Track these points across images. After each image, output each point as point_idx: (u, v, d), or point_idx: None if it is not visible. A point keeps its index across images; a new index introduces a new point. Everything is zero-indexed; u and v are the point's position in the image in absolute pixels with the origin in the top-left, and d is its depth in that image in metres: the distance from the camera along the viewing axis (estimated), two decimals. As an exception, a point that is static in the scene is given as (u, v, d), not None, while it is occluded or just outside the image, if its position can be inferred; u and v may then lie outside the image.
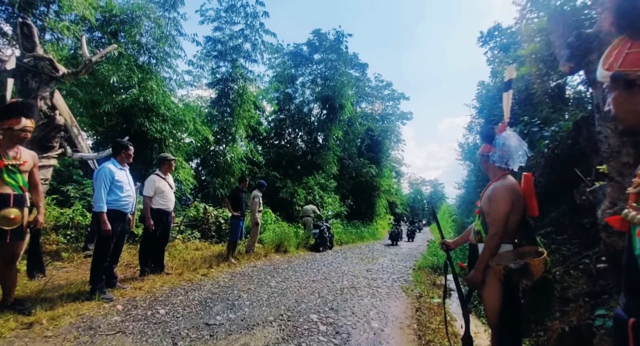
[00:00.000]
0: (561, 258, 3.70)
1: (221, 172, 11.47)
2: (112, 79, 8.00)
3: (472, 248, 2.34)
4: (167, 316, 3.31)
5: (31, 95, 4.11)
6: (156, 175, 4.65)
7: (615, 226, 0.96)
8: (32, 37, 4.25)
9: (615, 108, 0.91)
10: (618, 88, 0.88)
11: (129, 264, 5.29)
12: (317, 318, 3.64)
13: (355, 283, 5.57)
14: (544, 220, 4.82)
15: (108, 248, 3.66)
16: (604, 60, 0.90)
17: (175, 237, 7.31)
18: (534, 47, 6.00)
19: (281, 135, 17.33)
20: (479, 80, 11.42)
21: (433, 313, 4.14)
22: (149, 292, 4.00)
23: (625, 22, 0.86)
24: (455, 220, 17.49)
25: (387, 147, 24.10)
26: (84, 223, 6.19)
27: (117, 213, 3.69)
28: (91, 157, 4.90)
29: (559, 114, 5.65)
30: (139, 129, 8.13)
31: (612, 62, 0.87)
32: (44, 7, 8.06)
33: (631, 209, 0.89)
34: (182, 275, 4.91)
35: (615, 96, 0.89)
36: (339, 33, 17.02)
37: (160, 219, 4.62)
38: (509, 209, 2.06)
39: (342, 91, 16.51)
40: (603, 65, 0.90)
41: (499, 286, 2.06)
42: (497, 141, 2.22)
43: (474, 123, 11.51)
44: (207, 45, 12.47)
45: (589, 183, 2.99)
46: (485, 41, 10.63)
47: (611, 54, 0.89)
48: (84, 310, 3.24)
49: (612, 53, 0.89)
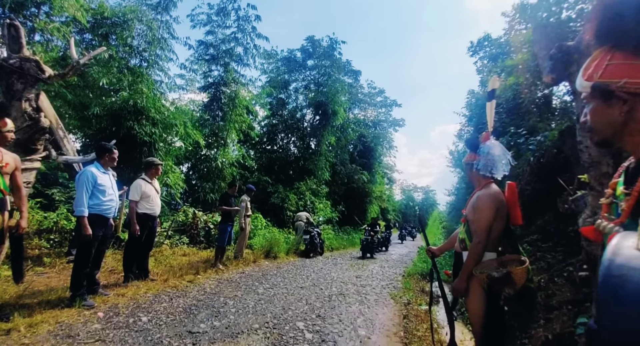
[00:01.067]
0: (546, 265, 3.74)
1: (212, 177, 11.38)
2: (102, 81, 7.92)
3: (457, 256, 2.36)
4: (149, 324, 3.24)
5: (16, 97, 4.03)
6: (142, 180, 4.59)
7: (590, 236, 0.97)
8: (19, 38, 4.19)
9: (592, 119, 0.91)
10: (596, 100, 0.89)
11: (113, 270, 5.17)
12: (304, 326, 3.59)
13: (344, 290, 5.54)
14: (530, 227, 4.89)
15: (89, 253, 3.57)
16: (583, 71, 0.91)
17: (163, 242, 7.19)
18: (522, 57, 6.14)
19: (273, 140, 17.32)
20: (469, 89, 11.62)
21: (420, 321, 4.13)
22: (132, 299, 3.91)
23: (605, 34, 0.88)
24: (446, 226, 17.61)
25: (379, 154, 24.26)
26: (68, 227, 6.06)
27: (99, 218, 3.61)
28: (76, 160, 4.81)
29: (546, 123, 5.77)
30: (128, 132, 8.03)
31: (591, 73, 0.88)
32: (34, 8, 7.99)
33: (604, 219, 0.90)
34: (167, 282, 4.81)
35: (593, 107, 0.90)
36: (332, 40, 17.21)
37: (146, 224, 4.54)
38: (493, 217, 2.09)
39: (335, 97, 16.61)
40: (583, 75, 0.91)
41: (482, 295, 2.07)
42: (482, 150, 2.25)
43: (464, 131, 11.67)
44: (199, 48, 12.47)
45: (571, 192, 3.04)
46: (475, 51, 10.83)
47: (591, 65, 0.90)
48: (64, 317, 3.15)
49: (592, 64, 0.90)
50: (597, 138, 0.94)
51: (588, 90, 0.88)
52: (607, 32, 0.85)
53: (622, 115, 0.82)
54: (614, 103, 0.83)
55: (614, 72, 0.82)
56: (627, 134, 0.84)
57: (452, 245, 2.57)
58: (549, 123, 5.79)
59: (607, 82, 0.83)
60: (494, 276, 1.95)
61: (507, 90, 6.64)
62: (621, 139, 0.87)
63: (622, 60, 0.83)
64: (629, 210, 0.79)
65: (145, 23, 9.31)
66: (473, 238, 2.10)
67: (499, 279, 1.94)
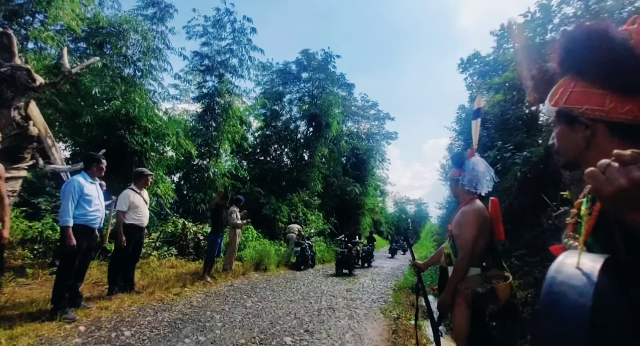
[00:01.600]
0: (533, 280, 3.77)
1: (203, 187, 11.29)
2: (95, 90, 7.90)
3: (443, 270, 2.37)
4: (132, 338, 3.16)
5: (5, 105, 4.01)
6: (131, 190, 4.54)
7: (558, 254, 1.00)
8: (11, 46, 4.19)
9: (558, 143, 0.96)
10: (561, 124, 0.94)
11: (97, 282, 5.05)
12: (291, 341, 3.54)
13: (333, 304, 5.48)
14: (518, 242, 4.93)
15: (73, 265, 3.49)
16: (550, 97, 0.96)
17: (151, 254, 7.06)
18: (509, 75, 6.32)
19: (267, 151, 17.32)
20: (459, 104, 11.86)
21: (409, 336, 4.09)
22: (116, 312, 3.82)
23: (569, 63, 0.93)
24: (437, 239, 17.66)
25: (372, 166, 24.39)
26: (53, 237, 5.92)
27: (84, 228, 3.55)
28: (64, 169, 4.76)
29: (533, 139, 5.90)
30: (119, 141, 7.97)
31: (557, 99, 0.93)
32: (29, 16, 8.01)
33: (569, 238, 0.93)
34: (153, 294, 4.71)
35: (559, 131, 0.95)
36: (327, 54, 17.51)
37: (133, 235, 4.47)
38: (477, 233, 2.12)
39: (329, 110, 16.78)
40: (550, 101, 0.95)
41: (467, 311, 2.08)
42: (467, 166, 2.30)
43: (454, 145, 11.85)
44: (194, 59, 12.56)
45: (554, 208, 3.09)
46: (465, 68, 11.13)
47: (557, 92, 0.95)
48: (44, 331, 3.06)
49: (558, 91, 0.95)
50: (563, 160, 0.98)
51: (554, 114, 0.93)
52: (568, 62, 0.91)
53: (584, 139, 0.87)
54: (577, 128, 0.88)
55: (577, 99, 0.87)
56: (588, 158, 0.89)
57: (438, 260, 2.59)
58: (536, 139, 5.92)
59: (570, 107, 0.88)
60: (478, 291, 1.96)
61: (495, 106, 6.81)
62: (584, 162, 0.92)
63: (584, 88, 0.88)
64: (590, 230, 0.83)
65: (140, 33, 9.37)
66: (458, 254, 2.13)
67: (483, 295, 1.96)
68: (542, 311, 0.56)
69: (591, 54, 0.84)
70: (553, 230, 3.02)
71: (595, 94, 0.85)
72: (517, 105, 6.60)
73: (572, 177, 2.24)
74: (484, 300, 1.97)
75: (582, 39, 0.85)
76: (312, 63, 17.46)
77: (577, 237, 0.92)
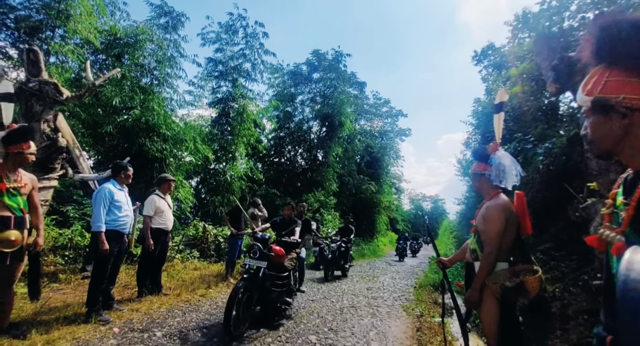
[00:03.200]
0: (560, 274, 3.68)
1: (221, 190, 11.49)
2: (115, 100, 8.16)
3: (469, 266, 2.36)
4: (164, 338, 3.27)
5: (35, 118, 4.21)
6: (156, 195, 4.69)
7: (594, 245, 1.00)
8: (37, 62, 4.40)
9: (592, 133, 0.96)
10: (596, 114, 0.94)
11: (126, 285, 5.23)
12: (316, 339, 3.58)
13: (355, 303, 5.50)
14: (543, 236, 4.82)
15: (106, 269, 3.64)
16: (582, 86, 0.96)
17: (174, 257, 7.25)
18: (526, 66, 6.17)
19: (281, 153, 17.48)
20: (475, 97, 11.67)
21: (434, 333, 4.07)
22: (146, 314, 3.96)
23: (602, 53, 0.93)
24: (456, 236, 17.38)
25: (386, 164, 24.23)
26: (82, 243, 6.16)
27: (115, 234, 3.70)
28: (92, 177, 4.95)
29: (554, 130, 5.75)
30: (140, 149, 8.23)
31: (591, 88, 0.93)
32: (49, 31, 8.35)
33: (606, 229, 0.93)
34: (180, 296, 4.85)
35: (593, 121, 0.95)
36: (337, 53, 17.52)
37: (159, 239, 4.62)
38: (503, 227, 2.10)
39: (341, 109, 16.79)
40: (582, 91, 0.96)
41: (496, 305, 2.06)
42: (493, 160, 2.28)
43: (471, 139, 11.65)
44: (208, 66, 12.80)
45: (581, 200, 3.02)
46: (479, 60, 10.91)
47: (589, 82, 0.95)
48: (80, 333, 3.19)
49: (591, 81, 0.95)
50: (597, 150, 0.98)
51: (588, 104, 0.93)
52: (604, 51, 0.91)
53: (622, 128, 0.87)
54: (613, 117, 0.88)
55: (613, 88, 0.87)
56: (626, 147, 0.89)
57: (463, 256, 2.57)
58: (557, 130, 5.76)
59: (606, 97, 0.88)
60: (507, 286, 1.95)
61: (512, 98, 6.66)
62: (620, 152, 0.91)
63: (620, 77, 0.88)
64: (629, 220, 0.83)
65: (155, 42, 9.64)
66: (484, 249, 2.11)
67: (512, 289, 1.94)
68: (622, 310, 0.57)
69: (628, 43, 0.84)
70: (580, 222, 2.95)
71: (632, 83, 0.85)
72: (535, 96, 6.44)
73: (600, 168, 2.20)
74: (513, 294, 1.95)
75: (618, 28, 0.85)
76: (323, 63, 17.51)
77: (614, 227, 0.91)
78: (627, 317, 0.56)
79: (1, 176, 2.82)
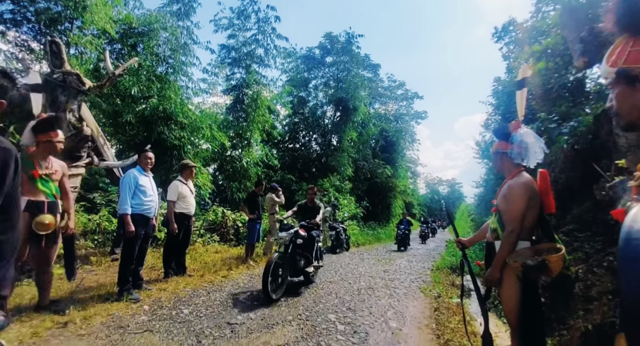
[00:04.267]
0: (584, 256, 3.61)
1: (238, 177, 11.69)
2: (133, 89, 8.33)
3: (489, 246, 2.35)
4: (190, 315, 3.44)
5: (60, 108, 4.36)
6: (178, 181, 4.84)
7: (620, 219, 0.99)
8: (60, 54, 4.52)
9: (618, 104, 0.94)
10: (621, 85, 0.91)
11: (153, 267, 5.49)
12: (335, 318, 3.68)
13: (372, 284, 5.58)
14: (566, 217, 4.71)
15: (133, 251, 3.83)
16: (607, 57, 0.94)
17: (196, 241, 7.52)
18: (550, 41, 5.88)
19: (295, 139, 17.51)
20: (495, 76, 11.25)
21: (452, 313, 4.11)
22: (173, 293, 4.16)
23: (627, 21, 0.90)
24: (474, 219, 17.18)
25: (401, 148, 23.93)
26: (109, 228, 6.47)
27: (141, 218, 3.87)
28: (116, 165, 5.14)
29: (579, 108, 5.50)
30: (159, 137, 8.43)
31: (615, 59, 0.91)
32: (67, 23, 8.50)
33: (633, 201, 0.92)
34: (204, 277, 5.06)
35: (618, 92, 0.92)
36: (349, 34, 17.12)
37: (183, 223, 4.79)
38: (526, 206, 2.06)
39: (355, 93, 16.56)
40: (607, 62, 0.93)
41: (517, 284, 2.06)
42: (514, 138, 2.22)
43: (491, 120, 11.31)
44: (221, 52, 12.80)
45: (608, 178, 2.92)
46: (500, 37, 10.45)
47: (614, 52, 0.92)
48: (114, 310, 3.40)
49: (615, 51, 0.92)
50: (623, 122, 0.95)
51: (613, 75, 0.90)
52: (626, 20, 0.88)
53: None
54: (638, 87, 0.85)
55: (638, 58, 0.84)
56: None
57: (483, 237, 2.56)
58: (583, 108, 5.52)
59: (631, 67, 0.85)
60: (528, 264, 1.94)
61: (535, 75, 6.39)
62: None
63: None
64: None
65: (169, 30, 9.68)
66: (505, 228, 2.09)
67: (534, 267, 1.93)
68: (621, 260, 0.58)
69: None
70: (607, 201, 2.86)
71: None
72: (560, 73, 6.15)
73: (629, 145, 2.11)
74: (535, 273, 1.94)
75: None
76: (336, 46, 17.19)
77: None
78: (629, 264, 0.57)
79: (34, 163, 2.97)
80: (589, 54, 2.30)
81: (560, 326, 3.03)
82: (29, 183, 2.93)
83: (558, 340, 2.89)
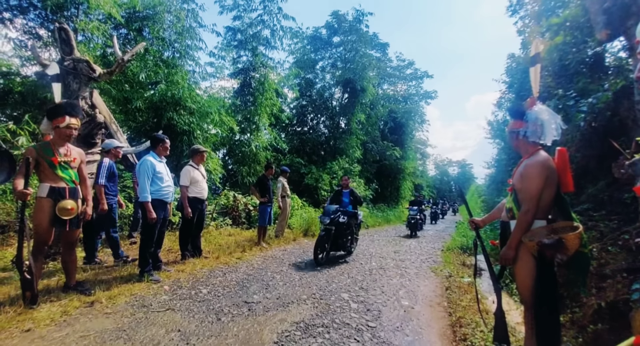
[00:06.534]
0: (598, 235, 3.59)
1: (247, 161, 11.76)
2: (141, 75, 8.32)
3: (504, 225, 2.35)
4: (209, 295, 3.57)
5: (73, 96, 4.41)
6: (190, 166, 4.90)
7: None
8: (69, 40, 4.52)
9: None
10: None
11: (170, 249, 5.66)
12: (348, 297, 3.78)
13: (383, 264, 5.68)
14: (580, 196, 4.65)
15: (153, 234, 3.96)
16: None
17: (209, 224, 7.69)
18: (569, 13, 5.61)
19: (304, 122, 17.40)
20: (509, 53, 10.85)
21: (463, 292, 4.18)
22: (191, 274, 4.31)
23: None
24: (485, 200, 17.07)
25: (410, 129, 23.59)
26: (126, 213, 6.64)
27: (160, 202, 3.98)
28: (130, 151, 5.21)
29: (598, 84, 5.31)
30: (168, 123, 8.47)
31: None
32: (74, 9, 8.44)
33: None
34: (219, 259, 5.21)
35: None
36: (358, 12, 16.58)
37: (196, 207, 4.89)
38: (542, 185, 2.04)
39: (362, 73, 16.23)
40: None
41: (532, 262, 2.07)
42: (529, 116, 2.18)
43: (504, 99, 11.02)
44: (227, 35, 12.57)
45: (627, 156, 2.86)
46: (514, 10, 9.99)
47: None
48: (136, 290, 3.55)
49: None
50: None
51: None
52: None
53: None
54: None
55: None
56: None
57: (497, 216, 2.56)
58: (602, 84, 5.32)
59: None
60: (544, 242, 1.94)
61: (551, 51, 6.14)
62: None
63: None
64: None
65: (173, 13, 9.53)
66: (522, 207, 2.08)
67: (550, 245, 1.93)
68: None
69: None
70: (626, 179, 2.81)
71: None
72: (578, 47, 5.90)
73: (653, 120, 2.05)
74: (551, 251, 1.94)
75: None
76: (343, 25, 16.72)
77: None
78: None
79: (53, 150, 3.04)
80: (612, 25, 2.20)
81: (573, 304, 3.06)
82: (49, 170, 3.01)
83: (571, 317, 2.92)
